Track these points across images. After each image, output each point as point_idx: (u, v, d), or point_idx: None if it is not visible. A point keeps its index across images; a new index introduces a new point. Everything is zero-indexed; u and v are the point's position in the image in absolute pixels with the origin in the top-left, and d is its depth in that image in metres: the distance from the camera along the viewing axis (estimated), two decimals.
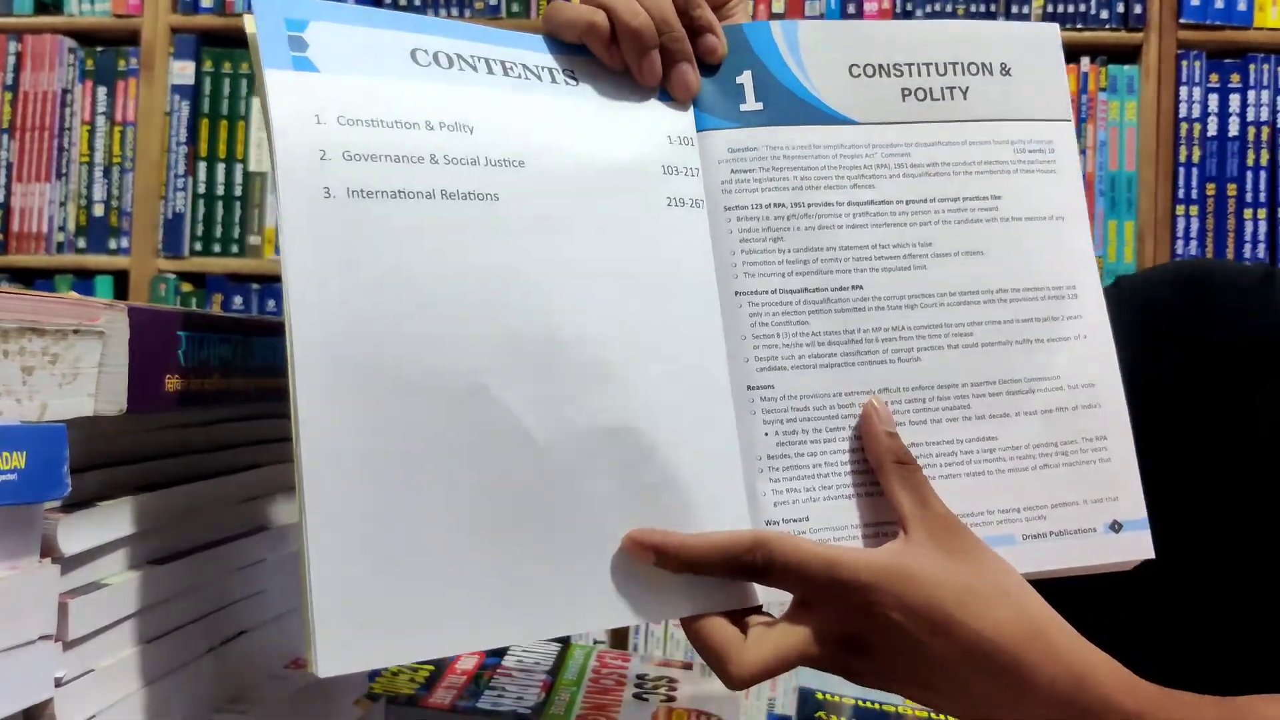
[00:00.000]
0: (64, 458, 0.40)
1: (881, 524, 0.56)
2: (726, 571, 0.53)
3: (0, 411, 0.39)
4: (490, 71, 0.55)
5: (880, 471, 0.55)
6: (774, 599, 0.55)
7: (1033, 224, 0.62)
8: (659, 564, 0.52)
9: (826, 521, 0.56)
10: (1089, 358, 0.61)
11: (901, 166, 0.61)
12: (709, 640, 0.53)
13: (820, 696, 0.79)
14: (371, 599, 0.47)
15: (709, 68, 0.60)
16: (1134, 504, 0.61)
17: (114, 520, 0.46)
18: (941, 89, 0.63)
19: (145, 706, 0.48)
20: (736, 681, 0.52)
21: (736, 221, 0.58)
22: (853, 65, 0.62)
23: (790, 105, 0.60)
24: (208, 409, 0.54)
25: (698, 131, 0.59)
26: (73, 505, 0.44)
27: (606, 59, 0.58)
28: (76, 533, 0.44)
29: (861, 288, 0.59)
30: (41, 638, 0.41)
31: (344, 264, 0.48)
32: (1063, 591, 0.62)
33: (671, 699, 0.76)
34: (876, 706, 0.79)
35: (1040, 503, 0.59)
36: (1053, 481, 0.59)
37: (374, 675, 0.74)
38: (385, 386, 0.48)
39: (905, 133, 0.61)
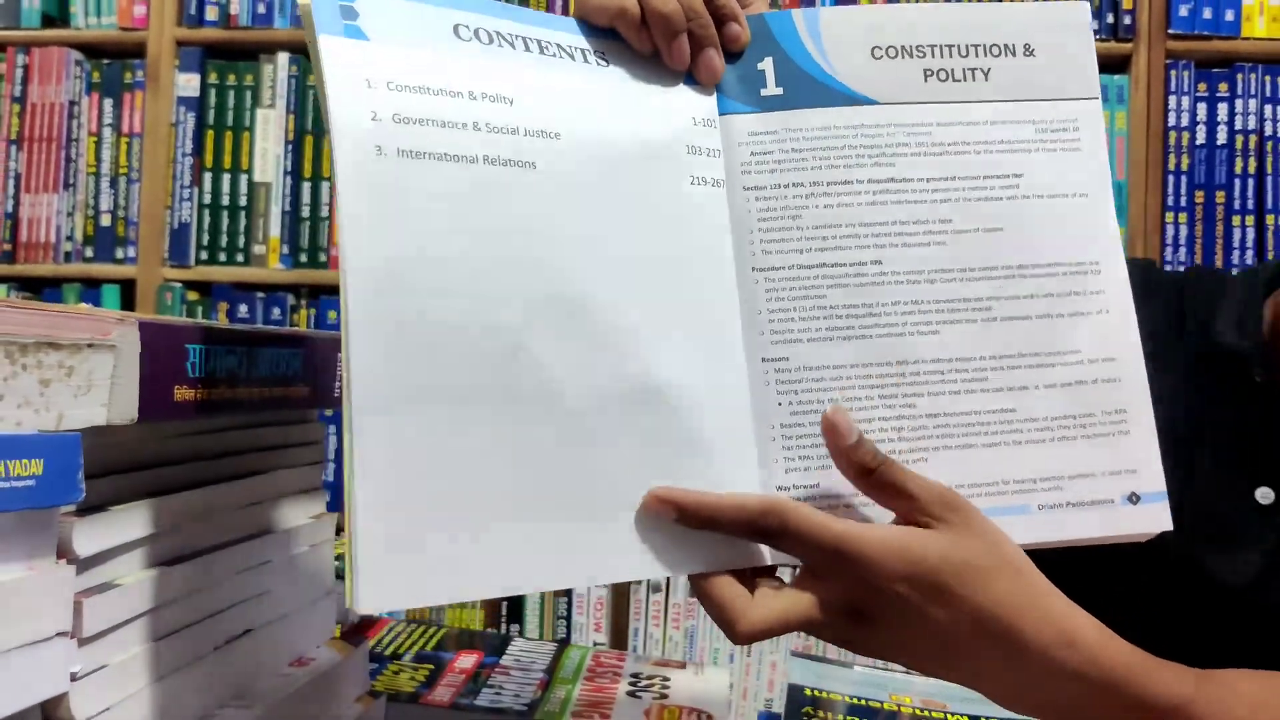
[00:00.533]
0: (79, 465, 0.42)
1: None
2: (741, 531, 0.55)
3: (19, 422, 0.41)
4: (528, 49, 0.58)
5: (858, 484, 0.57)
6: (785, 563, 0.57)
7: (1055, 201, 0.63)
8: (679, 520, 0.55)
9: (835, 489, 0.58)
10: (1110, 332, 0.62)
11: (923, 145, 0.62)
12: (718, 596, 0.55)
13: (809, 693, 0.81)
14: (411, 539, 0.49)
15: (732, 55, 0.63)
16: (1153, 477, 0.62)
17: (126, 524, 0.48)
18: (964, 70, 0.64)
19: (155, 701, 0.50)
20: (741, 636, 0.54)
21: (755, 201, 0.60)
22: (875, 47, 0.63)
23: (810, 89, 0.62)
24: (215, 417, 0.56)
25: (720, 115, 0.62)
26: (87, 509, 0.46)
27: (636, 43, 0.61)
28: (90, 535, 0.46)
29: (880, 263, 0.60)
30: (58, 634, 0.43)
31: (395, 218, 0.51)
32: (1060, 561, 0.65)
33: (664, 696, 0.78)
34: (863, 703, 0.80)
35: (1058, 474, 0.60)
36: (1071, 453, 0.61)
37: (375, 673, 0.76)
38: (432, 336, 0.51)
39: (926, 112, 0.63)
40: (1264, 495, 0.86)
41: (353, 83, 0.52)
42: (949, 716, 0.78)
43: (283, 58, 1.99)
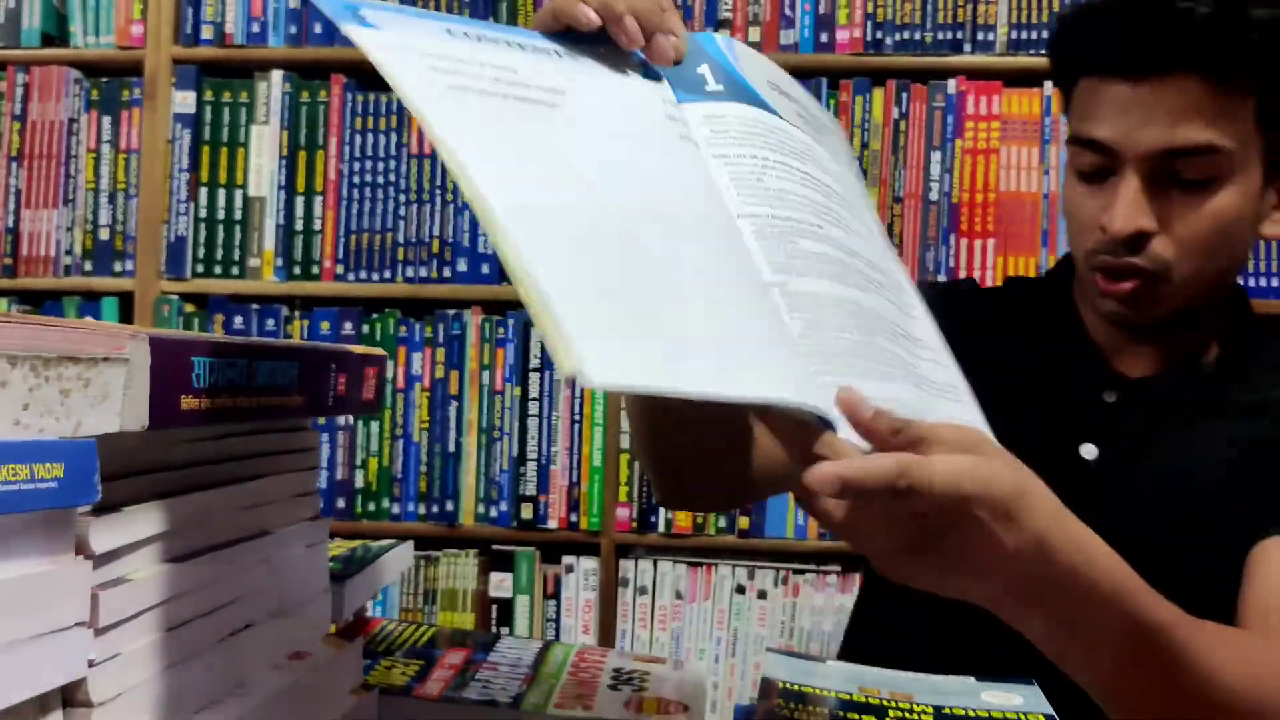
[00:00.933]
0: (95, 468, 0.46)
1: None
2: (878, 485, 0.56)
3: (43, 429, 0.45)
4: (509, 46, 0.65)
5: (886, 447, 0.58)
6: None
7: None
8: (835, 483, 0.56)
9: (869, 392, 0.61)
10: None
11: (810, 156, 0.73)
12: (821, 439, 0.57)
13: (783, 686, 0.84)
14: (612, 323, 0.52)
15: (674, 64, 0.70)
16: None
17: (138, 523, 0.52)
18: (812, 119, 0.77)
19: (165, 687, 0.53)
20: (816, 478, 0.56)
21: (725, 165, 0.67)
22: (769, 80, 0.75)
23: (742, 91, 0.72)
24: (217, 425, 0.60)
25: (677, 103, 0.70)
26: (102, 510, 0.49)
27: (585, 24, 0.66)
28: (106, 534, 0.49)
29: (820, 228, 0.68)
30: (76, 624, 0.47)
31: (493, 137, 0.57)
32: None
33: (644, 689, 0.80)
34: (834, 694, 0.84)
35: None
36: (943, 407, 0.70)
37: (368, 668, 0.78)
38: (571, 220, 0.56)
39: (807, 136, 0.74)
40: (1088, 451, 0.96)
41: (392, 45, 0.57)
42: (914, 706, 0.82)
43: (276, 75, 2.03)
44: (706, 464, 0.98)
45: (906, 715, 0.78)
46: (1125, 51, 0.91)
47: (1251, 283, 1.87)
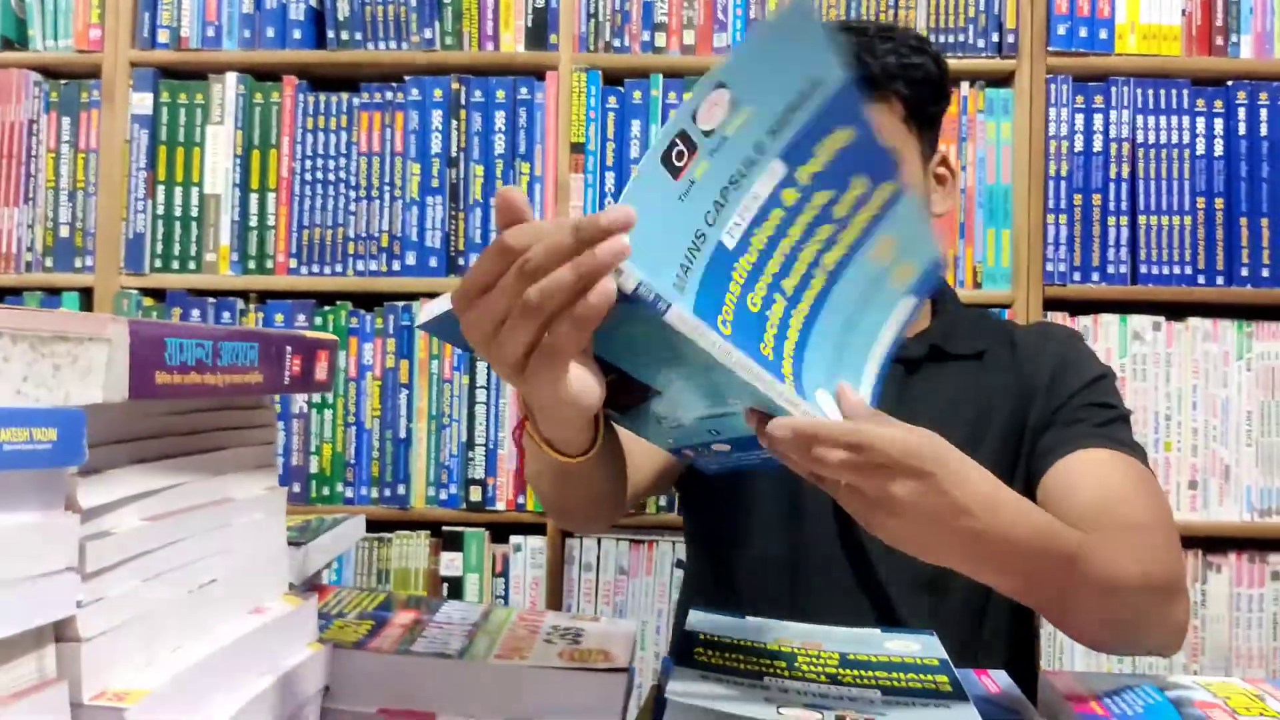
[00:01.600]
0: (83, 433, 0.52)
1: None
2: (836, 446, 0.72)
3: (38, 398, 0.52)
4: None
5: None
6: None
7: None
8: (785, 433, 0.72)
9: None
10: None
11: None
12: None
13: (702, 636, 0.90)
14: None
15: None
16: None
17: (119, 485, 0.59)
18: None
19: (142, 629, 0.61)
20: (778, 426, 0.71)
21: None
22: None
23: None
24: (187, 400, 0.67)
25: None
26: (88, 471, 0.56)
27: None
28: (92, 492, 0.56)
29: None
30: (66, 569, 0.53)
31: None
32: None
33: (577, 642, 0.85)
34: (749, 643, 0.90)
35: None
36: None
37: (322, 629, 0.82)
38: None
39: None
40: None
41: None
42: (821, 654, 0.88)
43: (231, 77, 2.07)
44: (598, 508, 1.13)
45: (814, 661, 0.85)
46: None
47: (1244, 272, 1.98)
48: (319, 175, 2.07)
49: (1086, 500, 1.07)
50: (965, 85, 2.00)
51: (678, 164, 0.68)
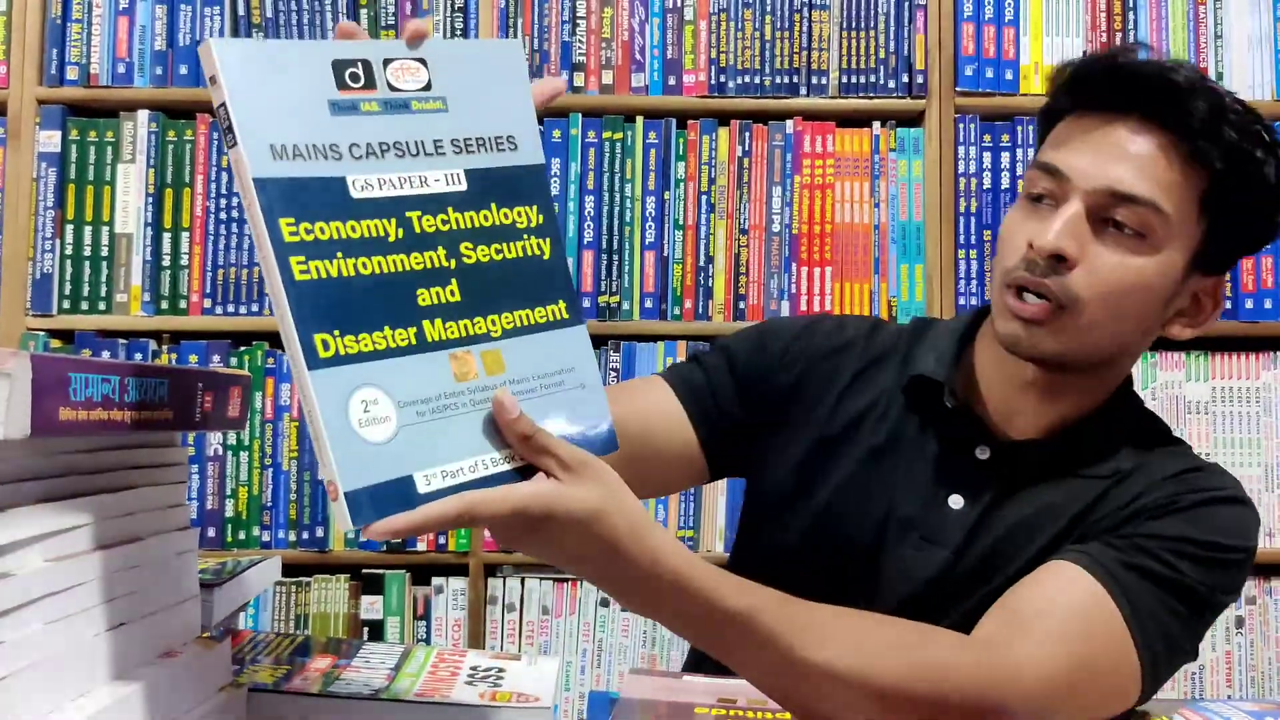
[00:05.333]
0: None
1: None
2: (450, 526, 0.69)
3: None
4: None
5: (520, 447, 0.71)
6: None
7: None
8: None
9: None
10: None
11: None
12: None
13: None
14: None
15: None
16: None
17: (21, 525, 0.58)
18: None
19: (45, 675, 0.59)
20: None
21: None
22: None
23: None
24: (92, 438, 0.66)
25: None
26: None
27: None
28: None
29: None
30: None
31: None
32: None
33: (499, 684, 0.85)
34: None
35: None
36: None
37: (238, 672, 0.82)
38: None
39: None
40: (955, 501, 1.03)
41: None
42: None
43: (143, 115, 2.04)
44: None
45: None
46: (1110, 87, 0.96)
47: (1249, 304, 2.02)
48: (234, 214, 2.05)
49: (1025, 595, 0.92)
50: (877, 125, 2.05)
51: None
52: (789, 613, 0.80)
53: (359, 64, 0.70)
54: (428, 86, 0.73)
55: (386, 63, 0.71)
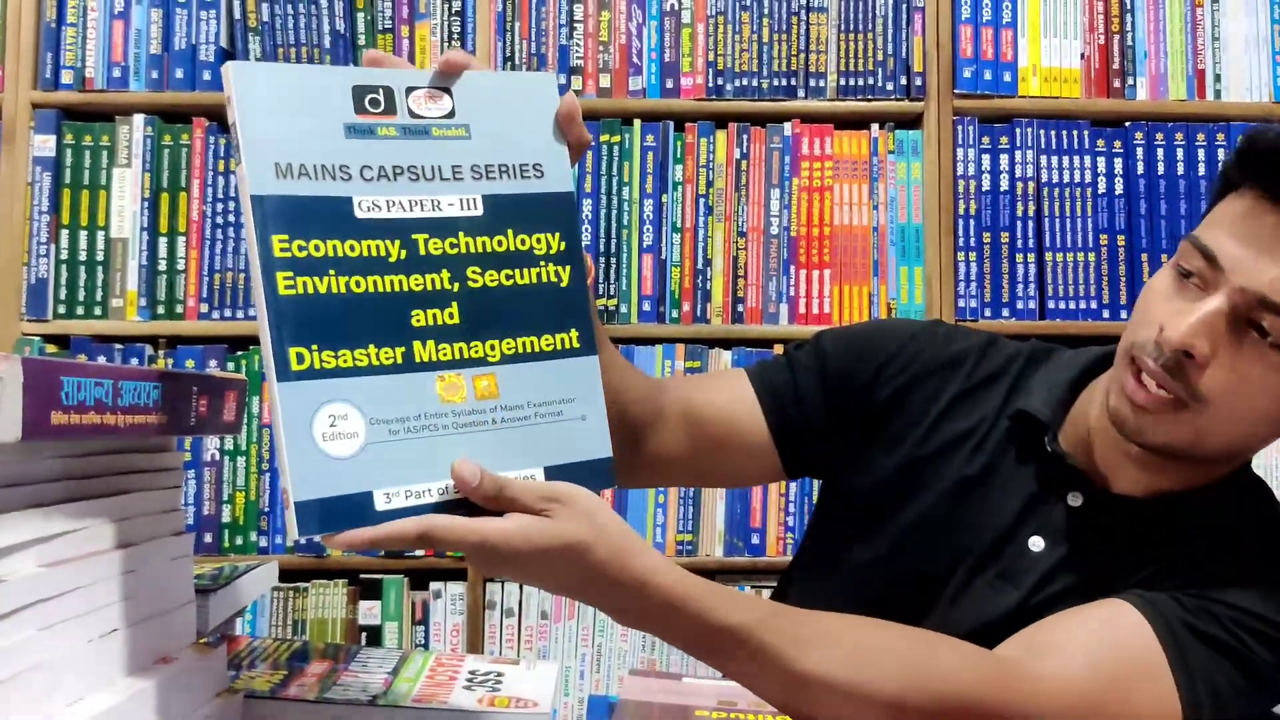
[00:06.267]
0: None
1: None
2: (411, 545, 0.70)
3: None
4: None
5: (489, 505, 0.71)
6: None
7: None
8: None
9: None
10: None
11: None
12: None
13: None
14: None
15: None
16: None
17: (13, 530, 0.57)
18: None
19: (39, 682, 0.58)
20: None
21: None
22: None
23: None
24: (85, 442, 0.65)
25: None
26: None
27: None
28: None
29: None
30: None
31: None
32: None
33: (497, 689, 0.85)
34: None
35: None
36: None
37: (234, 678, 0.81)
38: None
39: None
40: (1035, 544, 0.99)
41: None
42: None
43: (138, 119, 2.03)
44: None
45: None
46: None
47: None
48: (230, 218, 2.05)
49: (1052, 624, 0.90)
50: (875, 127, 2.05)
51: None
52: (782, 624, 0.79)
53: (380, 90, 0.72)
54: (451, 114, 0.75)
55: (410, 90, 0.73)
